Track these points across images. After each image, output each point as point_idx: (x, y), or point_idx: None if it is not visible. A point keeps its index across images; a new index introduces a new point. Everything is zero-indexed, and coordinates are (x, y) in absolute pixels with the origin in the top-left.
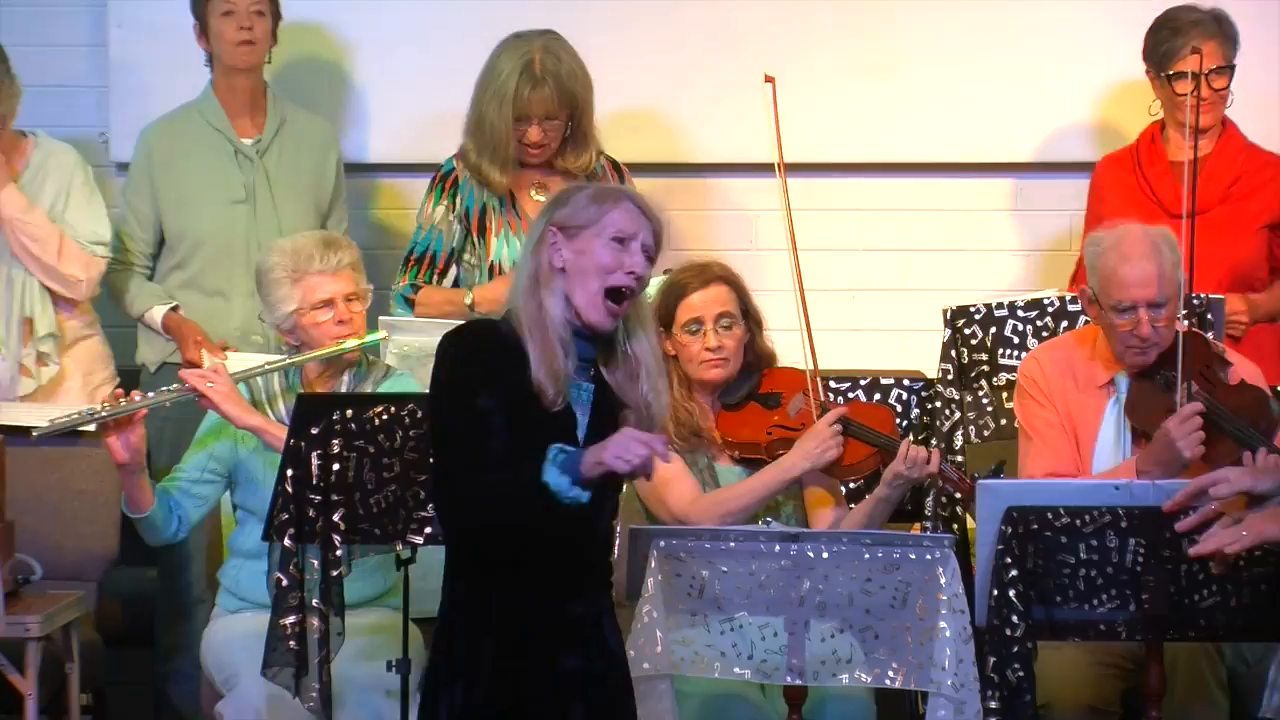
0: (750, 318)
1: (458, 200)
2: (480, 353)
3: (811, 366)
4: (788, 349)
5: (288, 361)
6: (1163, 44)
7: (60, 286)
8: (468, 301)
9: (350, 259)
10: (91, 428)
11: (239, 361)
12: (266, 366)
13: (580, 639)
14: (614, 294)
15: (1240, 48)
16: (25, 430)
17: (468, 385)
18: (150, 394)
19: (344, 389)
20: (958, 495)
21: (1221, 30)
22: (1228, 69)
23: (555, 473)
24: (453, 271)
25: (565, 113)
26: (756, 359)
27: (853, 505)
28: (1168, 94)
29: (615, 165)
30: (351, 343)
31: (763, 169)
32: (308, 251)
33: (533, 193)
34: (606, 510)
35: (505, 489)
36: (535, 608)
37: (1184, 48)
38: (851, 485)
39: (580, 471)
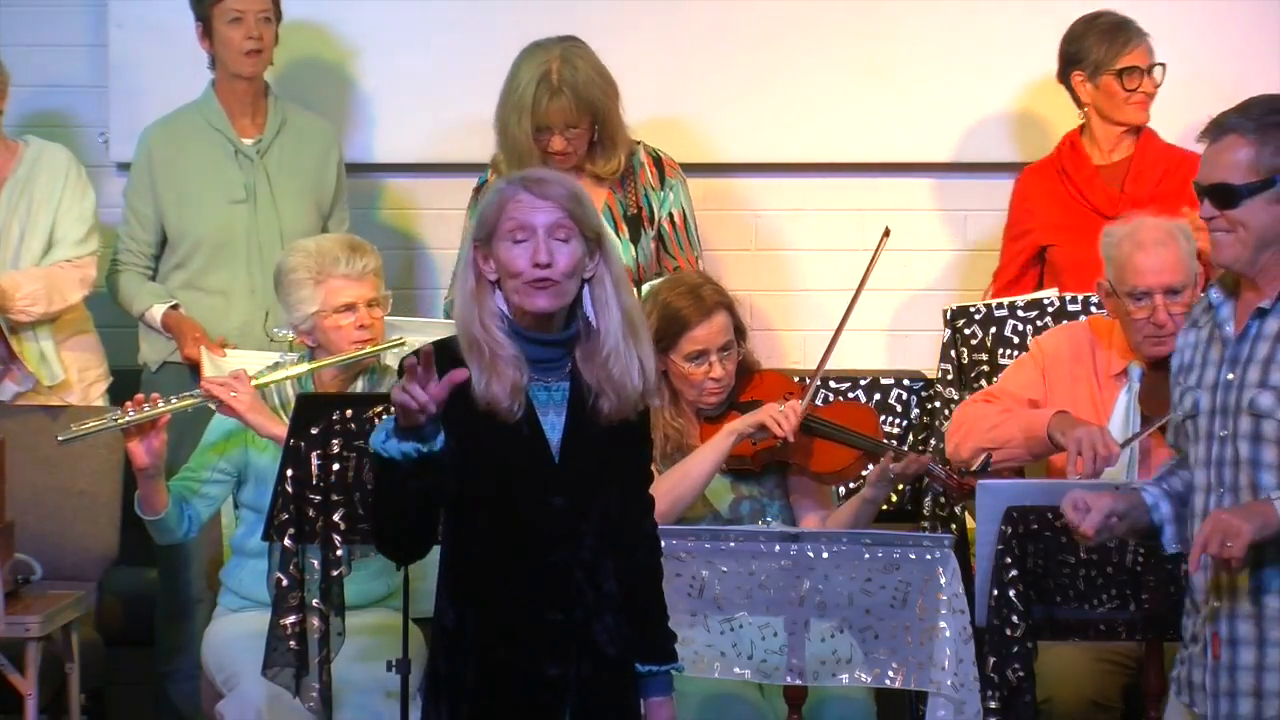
0: (739, 333)
1: None
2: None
3: (816, 368)
4: (788, 349)
5: (307, 368)
6: (1102, 43)
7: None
8: None
9: (374, 265)
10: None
11: (237, 359)
12: (288, 373)
13: (563, 646)
14: (536, 284)
15: None
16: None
17: None
18: (173, 399)
19: (349, 392)
20: (949, 495)
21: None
22: (1161, 66)
23: (381, 434)
24: None
25: (587, 120)
26: (741, 368)
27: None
28: (1112, 91)
29: (656, 158)
30: (371, 348)
31: (763, 169)
32: (333, 254)
33: None
34: (591, 538)
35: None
36: (511, 621)
37: (1130, 44)
38: (851, 485)
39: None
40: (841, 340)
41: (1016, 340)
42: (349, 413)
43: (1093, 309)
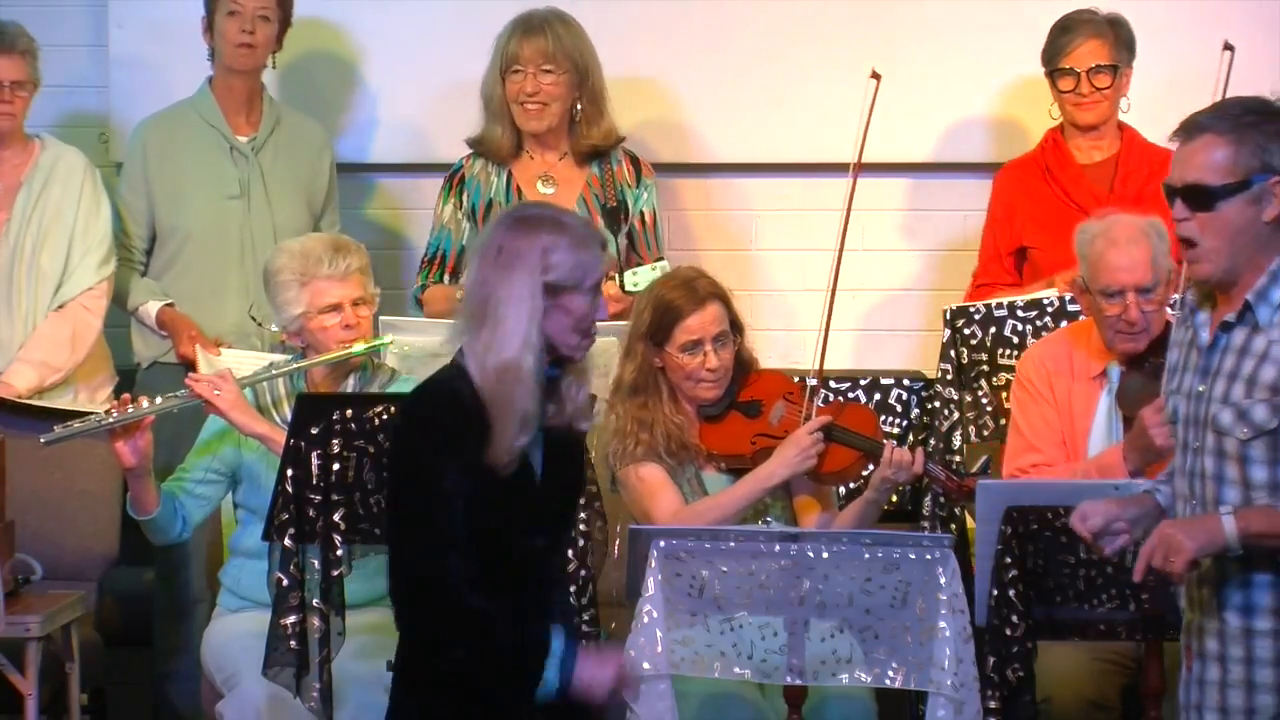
0: (736, 328)
1: (464, 197)
2: (444, 427)
3: (817, 367)
4: (788, 348)
5: (293, 366)
6: (1053, 42)
7: None
8: (459, 296)
9: (359, 264)
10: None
11: (233, 357)
12: (273, 371)
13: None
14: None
15: (1134, 55)
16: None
17: (432, 464)
18: (158, 399)
19: (349, 392)
20: (949, 496)
21: (1112, 31)
22: (1108, 69)
23: (555, 670)
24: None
25: (567, 74)
26: (739, 366)
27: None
28: (1055, 92)
29: (633, 158)
30: (358, 347)
31: (763, 169)
32: (316, 255)
33: (540, 185)
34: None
35: (479, 626)
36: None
37: (1069, 45)
38: (851, 486)
39: (570, 682)
40: (841, 340)
41: (1016, 340)
42: (349, 412)
43: None
